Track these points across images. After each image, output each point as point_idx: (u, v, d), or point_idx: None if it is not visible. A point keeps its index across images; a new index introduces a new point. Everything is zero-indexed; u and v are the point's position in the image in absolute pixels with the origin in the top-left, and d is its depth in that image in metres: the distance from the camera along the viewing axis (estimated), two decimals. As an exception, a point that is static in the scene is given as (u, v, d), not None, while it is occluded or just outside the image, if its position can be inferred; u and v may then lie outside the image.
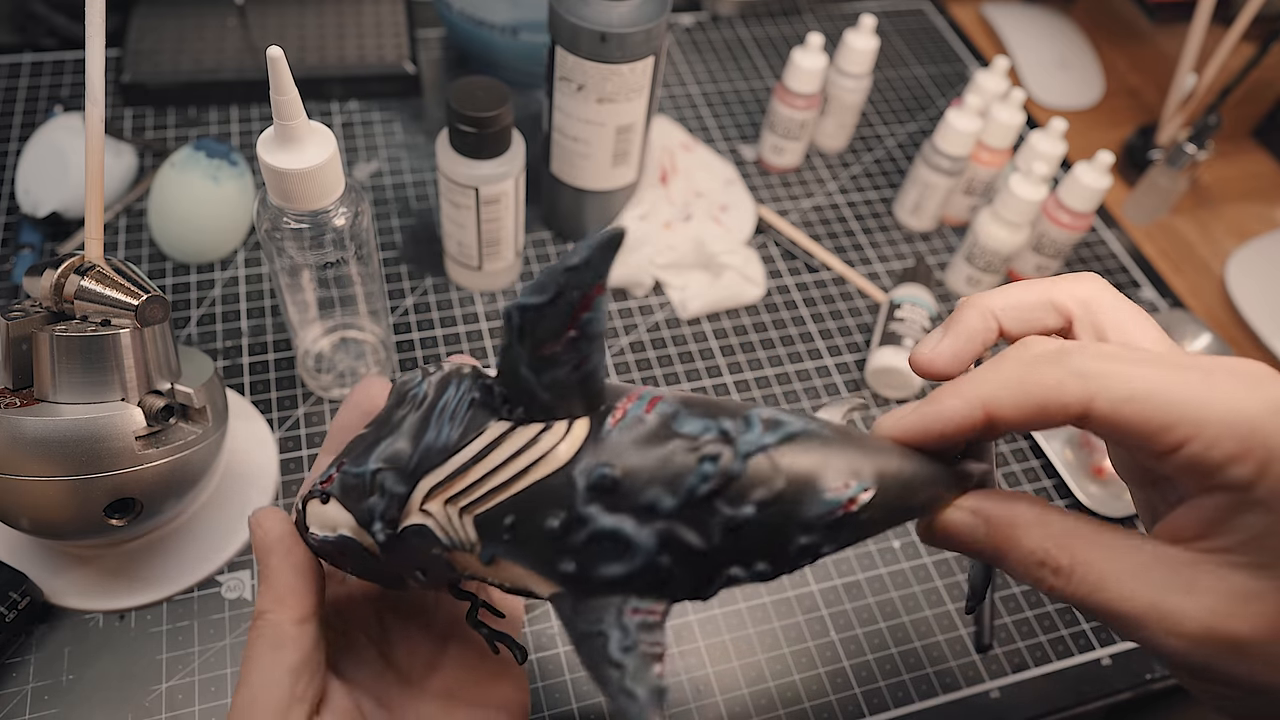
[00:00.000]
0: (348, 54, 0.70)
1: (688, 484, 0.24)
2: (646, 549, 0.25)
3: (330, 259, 0.44)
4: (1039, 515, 0.25)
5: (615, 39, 0.50)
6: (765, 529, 0.24)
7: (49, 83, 0.69)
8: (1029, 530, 0.25)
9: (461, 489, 0.26)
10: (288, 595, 0.29)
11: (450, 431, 0.26)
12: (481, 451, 0.26)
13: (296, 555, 0.30)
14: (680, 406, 0.25)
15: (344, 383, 0.53)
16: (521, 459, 0.25)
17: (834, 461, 0.24)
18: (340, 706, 0.30)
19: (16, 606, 0.42)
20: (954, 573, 0.51)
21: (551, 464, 0.25)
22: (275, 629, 0.29)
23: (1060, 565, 0.24)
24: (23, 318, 0.37)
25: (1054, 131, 0.62)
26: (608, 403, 0.26)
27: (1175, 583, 0.23)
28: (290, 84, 0.37)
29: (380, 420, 0.28)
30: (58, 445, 0.37)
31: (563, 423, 0.26)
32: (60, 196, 0.56)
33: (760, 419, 0.25)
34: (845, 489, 0.24)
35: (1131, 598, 0.23)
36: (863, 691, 0.46)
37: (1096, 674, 0.48)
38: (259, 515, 0.30)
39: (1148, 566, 0.23)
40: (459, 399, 0.27)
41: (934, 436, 0.25)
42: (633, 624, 0.25)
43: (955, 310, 0.28)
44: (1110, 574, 0.23)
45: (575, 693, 0.44)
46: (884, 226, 0.69)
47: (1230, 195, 0.79)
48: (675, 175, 0.66)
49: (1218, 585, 0.22)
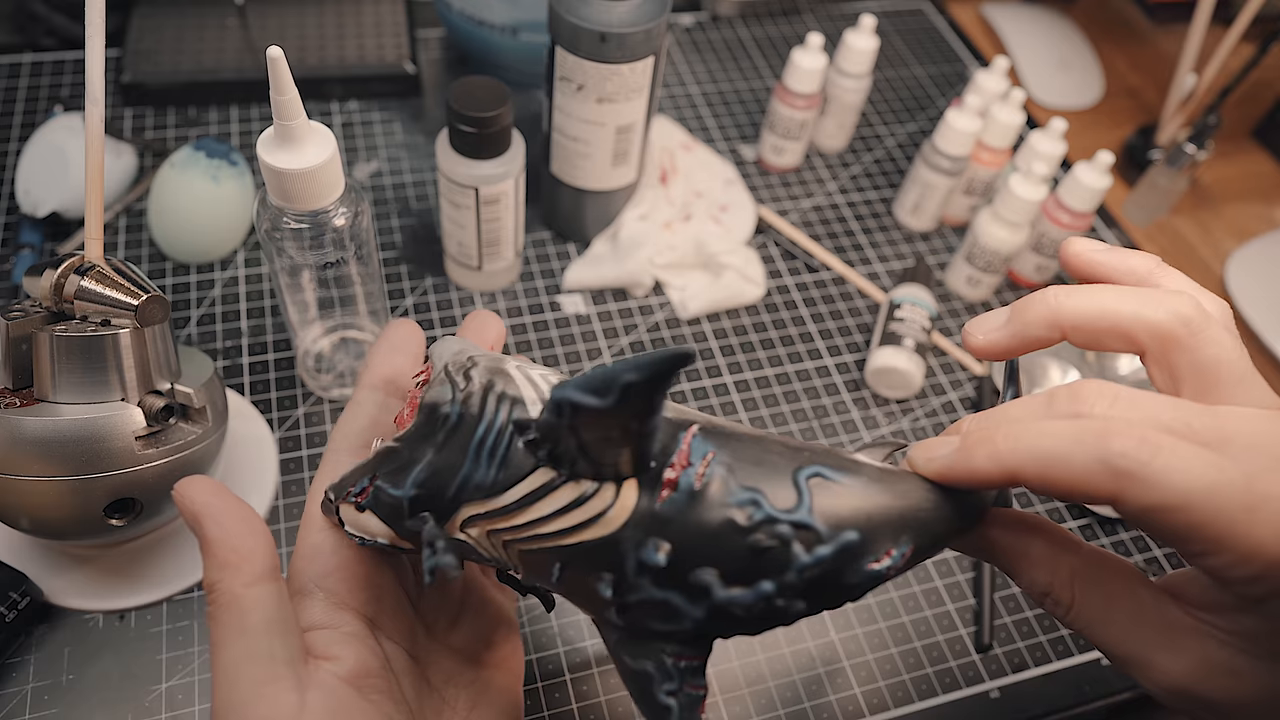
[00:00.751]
0: (348, 54, 0.70)
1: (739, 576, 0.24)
2: (695, 618, 0.25)
3: (330, 259, 0.44)
4: (1050, 554, 0.26)
5: (615, 39, 0.50)
6: (809, 599, 0.25)
7: (49, 83, 0.69)
8: (1039, 565, 0.26)
9: (505, 527, 0.26)
10: (230, 556, 0.27)
11: (490, 470, 0.25)
12: (525, 498, 0.25)
13: (232, 515, 0.28)
14: (729, 470, 0.25)
15: (344, 383, 0.53)
16: (568, 517, 0.25)
17: (880, 531, 0.25)
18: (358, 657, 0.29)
19: (16, 606, 0.42)
20: (954, 573, 0.51)
21: (600, 530, 0.25)
22: (231, 598, 0.27)
23: (1061, 601, 0.26)
24: (23, 318, 0.37)
25: (1054, 131, 0.62)
26: (658, 460, 0.25)
27: (1164, 641, 0.24)
28: (290, 84, 0.37)
29: (412, 437, 0.27)
30: (58, 445, 0.37)
31: (611, 486, 0.25)
32: (60, 196, 0.56)
33: (809, 487, 0.25)
34: (887, 558, 0.25)
35: (1123, 644, 0.25)
36: (863, 691, 0.46)
37: (1096, 674, 0.48)
38: (180, 485, 0.28)
39: (1142, 620, 0.25)
40: (496, 433, 0.25)
41: (960, 483, 0.25)
42: (676, 669, 0.26)
43: (1025, 303, 0.26)
44: (1106, 620, 0.25)
45: (575, 692, 0.44)
46: (884, 226, 0.69)
47: (1230, 195, 0.79)
48: (675, 175, 0.66)
49: (1202, 654, 0.23)
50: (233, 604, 0.27)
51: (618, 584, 0.25)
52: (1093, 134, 0.81)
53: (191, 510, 0.28)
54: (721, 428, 0.26)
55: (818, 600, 0.25)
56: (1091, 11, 0.93)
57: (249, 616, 0.26)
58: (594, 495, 0.25)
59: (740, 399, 0.57)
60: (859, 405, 0.58)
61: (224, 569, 0.27)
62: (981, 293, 0.64)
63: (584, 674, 0.45)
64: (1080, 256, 0.28)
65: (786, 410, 0.57)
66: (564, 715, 0.44)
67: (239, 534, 0.28)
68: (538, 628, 0.46)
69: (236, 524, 0.28)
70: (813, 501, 0.24)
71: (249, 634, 0.26)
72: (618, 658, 0.27)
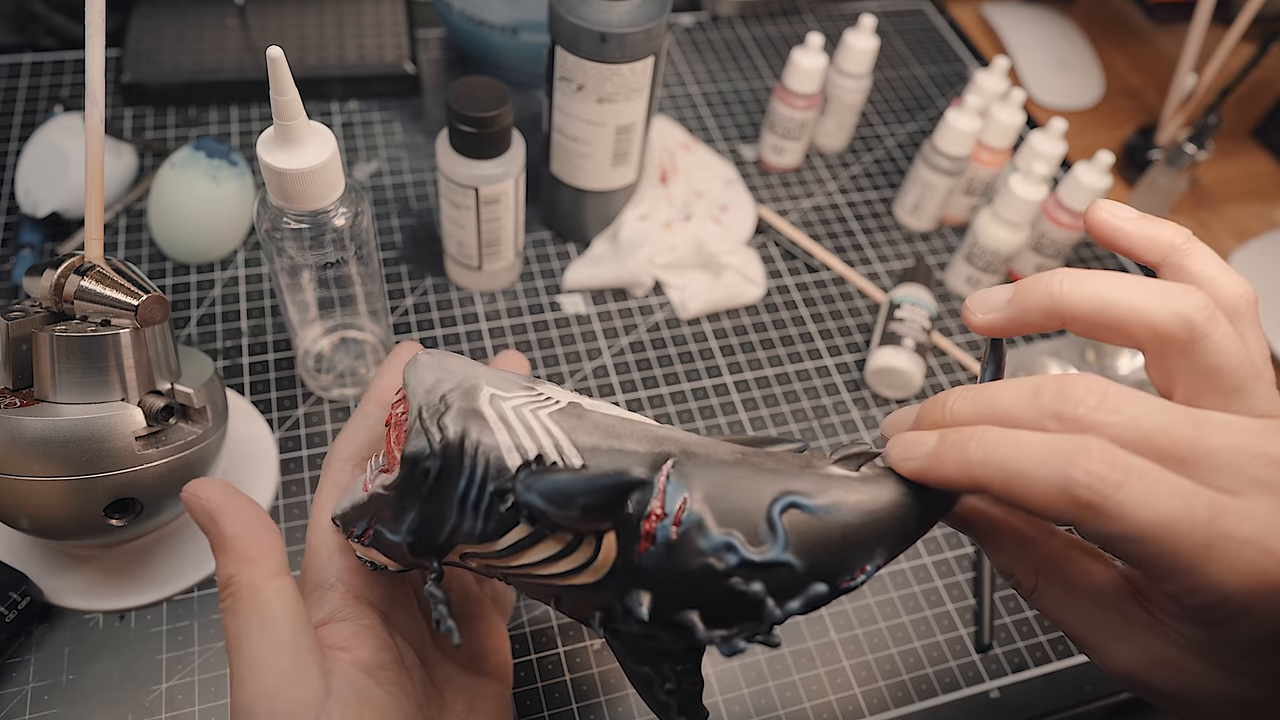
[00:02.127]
0: (348, 54, 0.70)
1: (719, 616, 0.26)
2: (680, 650, 0.28)
3: (330, 259, 0.44)
4: (1016, 544, 0.27)
5: (615, 39, 0.50)
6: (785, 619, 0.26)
7: (49, 83, 0.69)
8: (1005, 551, 0.27)
9: (500, 566, 0.28)
10: (250, 550, 0.28)
11: (477, 522, 0.27)
12: (514, 546, 0.27)
13: (247, 513, 0.28)
14: (705, 510, 0.26)
15: (344, 383, 0.53)
16: (556, 565, 0.27)
17: (854, 554, 0.26)
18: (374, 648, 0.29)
19: (16, 606, 0.42)
20: (954, 573, 0.51)
21: (587, 577, 0.26)
22: (252, 590, 0.27)
23: (1024, 584, 0.27)
24: (23, 318, 0.37)
25: (1054, 131, 0.62)
26: (635, 508, 0.26)
27: (1119, 632, 0.25)
28: (290, 84, 0.37)
29: (400, 488, 0.28)
30: (58, 445, 0.37)
31: (591, 539, 0.26)
32: (60, 196, 0.56)
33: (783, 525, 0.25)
34: (861, 574, 0.26)
35: (1080, 629, 0.26)
36: (862, 691, 0.46)
37: (1096, 674, 0.48)
38: (191, 486, 0.29)
39: (1101, 611, 0.25)
40: (478, 488, 0.26)
41: (932, 485, 0.25)
42: (673, 672, 0.29)
43: (1029, 285, 0.25)
44: (1066, 606, 0.26)
45: (575, 692, 0.44)
46: (884, 226, 0.69)
47: (1230, 195, 0.79)
48: (675, 175, 0.66)
49: (1153, 649, 0.24)
50: (254, 596, 0.27)
51: (607, 620, 0.27)
52: (1093, 134, 0.81)
53: (205, 509, 0.28)
54: (696, 454, 0.27)
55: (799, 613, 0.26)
56: (1091, 11, 0.93)
57: (271, 607, 0.27)
58: (577, 548, 0.26)
59: (740, 399, 0.57)
60: (859, 405, 0.58)
61: (243, 563, 0.27)
62: (981, 293, 0.64)
63: (584, 674, 0.45)
64: (1105, 223, 0.26)
65: (786, 410, 0.57)
66: (564, 715, 0.44)
67: (256, 529, 0.28)
68: (538, 628, 0.46)
69: (252, 520, 0.28)
70: (787, 538, 0.25)
71: (272, 624, 0.27)
72: (620, 660, 0.29)
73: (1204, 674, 0.23)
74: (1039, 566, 0.26)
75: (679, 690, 0.28)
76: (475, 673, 0.34)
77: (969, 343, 0.62)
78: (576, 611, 0.28)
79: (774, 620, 0.25)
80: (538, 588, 0.28)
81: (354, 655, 0.28)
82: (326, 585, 0.30)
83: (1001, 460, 0.23)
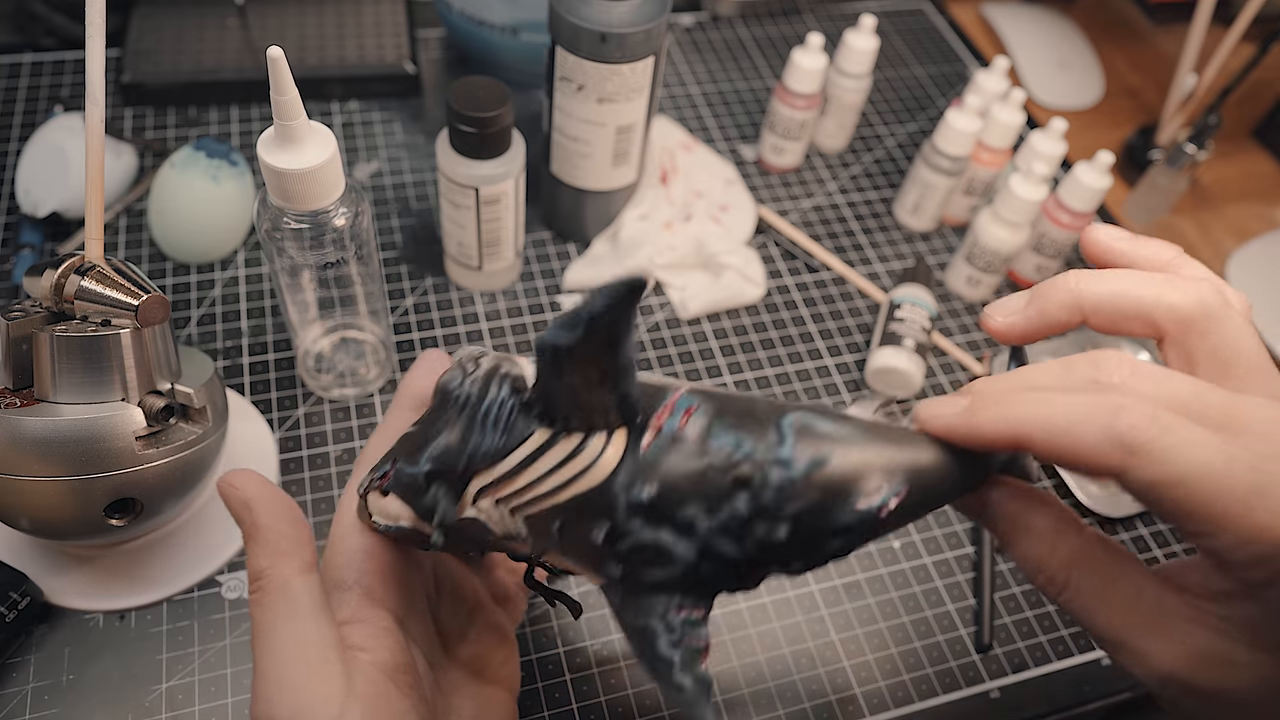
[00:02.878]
0: (348, 54, 0.70)
1: (722, 508, 0.25)
2: (686, 560, 0.26)
3: (330, 259, 0.44)
4: (1052, 531, 0.26)
5: (615, 39, 0.50)
6: (799, 539, 0.25)
7: (49, 83, 0.69)
8: (1040, 540, 0.26)
9: (510, 492, 0.27)
10: (283, 544, 0.28)
11: (495, 438, 0.27)
12: (526, 459, 0.27)
13: (283, 505, 0.29)
14: (714, 417, 0.26)
15: (344, 383, 0.53)
16: (564, 471, 0.27)
17: (867, 468, 0.25)
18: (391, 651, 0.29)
19: (16, 606, 0.42)
20: (954, 573, 0.51)
21: (592, 479, 0.26)
22: (282, 583, 0.27)
23: (1055, 579, 0.25)
24: (23, 318, 0.37)
25: (1054, 131, 0.62)
26: (644, 412, 0.27)
27: (1158, 628, 0.24)
28: (290, 84, 0.37)
29: (427, 420, 0.29)
30: (58, 445, 0.37)
31: (601, 435, 0.27)
32: (60, 196, 0.56)
33: (793, 429, 0.25)
34: (877, 495, 0.25)
35: (1115, 628, 0.24)
36: (863, 691, 0.46)
37: (1096, 674, 0.48)
38: (229, 475, 0.29)
39: (1138, 605, 0.24)
40: (499, 403, 0.28)
41: (965, 442, 0.25)
42: (678, 621, 0.27)
43: (1046, 286, 0.26)
44: (1101, 603, 0.25)
45: (575, 692, 0.44)
46: (884, 226, 0.69)
47: (1230, 195, 0.79)
48: (675, 175, 0.66)
49: (1197, 642, 0.23)
50: (284, 589, 0.27)
51: (612, 530, 0.26)
52: (1093, 134, 0.81)
53: (241, 499, 0.28)
54: (710, 390, 0.28)
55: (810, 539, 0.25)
56: (1091, 11, 0.93)
57: (299, 602, 0.27)
58: (585, 447, 0.26)
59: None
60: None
61: (276, 556, 0.28)
62: (982, 293, 0.64)
63: (584, 674, 0.45)
64: (1100, 244, 0.28)
65: (786, 410, 0.57)
66: (564, 715, 0.44)
67: (290, 523, 0.28)
68: (538, 628, 0.46)
69: (286, 514, 0.29)
70: (795, 442, 0.25)
71: (300, 618, 0.27)
72: (622, 620, 0.28)
73: (1255, 664, 0.23)
74: (1073, 559, 0.25)
75: (681, 643, 0.28)
76: (483, 680, 0.34)
77: (969, 343, 0.62)
78: (579, 537, 0.27)
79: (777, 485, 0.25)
80: (543, 515, 0.27)
81: (374, 656, 0.28)
82: (345, 586, 0.30)
83: (1044, 412, 0.23)
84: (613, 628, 0.42)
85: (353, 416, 0.53)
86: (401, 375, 0.55)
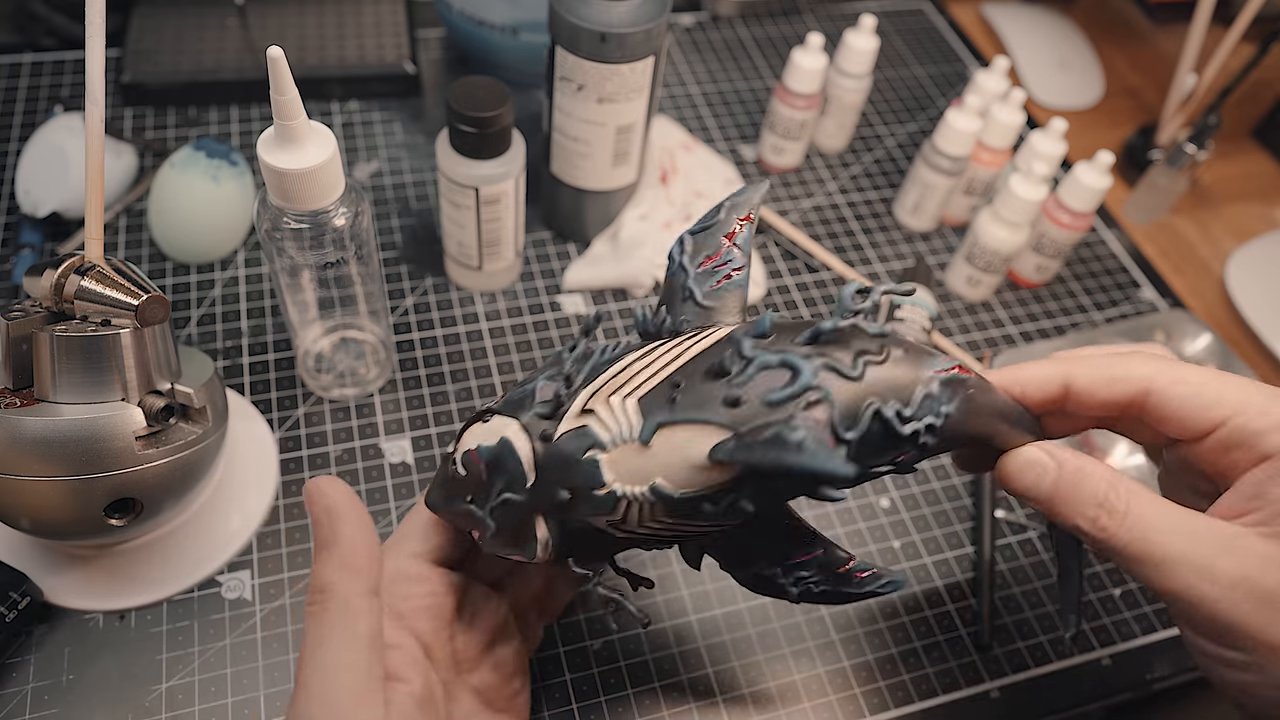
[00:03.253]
0: (348, 54, 0.70)
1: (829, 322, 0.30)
2: (808, 372, 0.28)
3: (330, 259, 0.44)
4: (1108, 470, 0.29)
5: (615, 39, 0.50)
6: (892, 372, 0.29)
7: (49, 83, 0.69)
8: (1096, 477, 0.29)
9: (625, 381, 0.29)
10: (356, 561, 0.27)
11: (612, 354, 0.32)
12: (646, 352, 0.31)
13: (364, 522, 0.28)
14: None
15: (344, 383, 0.53)
16: (686, 345, 0.30)
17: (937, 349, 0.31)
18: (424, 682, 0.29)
19: (16, 606, 0.42)
20: (954, 573, 0.51)
21: (715, 336, 0.30)
22: (347, 602, 0.27)
23: (1116, 508, 0.28)
24: (23, 318, 0.37)
25: (1054, 131, 0.62)
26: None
27: (1216, 542, 0.27)
28: (290, 84, 0.37)
29: (540, 368, 0.33)
30: (58, 445, 0.37)
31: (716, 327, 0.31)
32: (60, 196, 0.56)
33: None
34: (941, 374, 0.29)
35: (1174, 545, 0.27)
36: (862, 691, 0.46)
37: (1096, 674, 0.48)
38: (318, 482, 0.29)
39: (1194, 525, 0.27)
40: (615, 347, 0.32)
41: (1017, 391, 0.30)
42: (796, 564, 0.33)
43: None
44: (1159, 525, 0.27)
45: (575, 692, 0.44)
46: (884, 226, 0.69)
47: (1230, 195, 0.79)
48: (675, 175, 0.66)
49: (1254, 548, 0.26)
50: (346, 608, 0.27)
51: (735, 356, 0.28)
52: (1093, 134, 0.81)
53: (326, 506, 0.28)
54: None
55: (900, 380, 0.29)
56: (1091, 11, 0.93)
57: (359, 625, 0.27)
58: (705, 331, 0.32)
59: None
60: (859, 405, 0.58)
61: (345, 570, 0.27)
62: (982, 293, 0.64)
63: (584, 674, 0.45)
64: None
65: (786, 410, 0.57)
66: (564, 715, 0.44)
67: (365, 542, 0.28)
68: (538, 628, 0.46)
69: (364, 532, 0.28)
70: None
71: (356, 643, 0.26)
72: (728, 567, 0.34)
73: None
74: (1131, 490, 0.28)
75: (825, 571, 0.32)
76: (493, 709, 0.34)
77: (969, 343, 0.62)
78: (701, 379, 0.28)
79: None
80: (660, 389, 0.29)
81: (410, 688, 0.28)
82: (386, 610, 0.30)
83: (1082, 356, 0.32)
84: (612, 628, 0.42)
85: (353, 416, 0.53)
86: (401, 375, 0.55)
